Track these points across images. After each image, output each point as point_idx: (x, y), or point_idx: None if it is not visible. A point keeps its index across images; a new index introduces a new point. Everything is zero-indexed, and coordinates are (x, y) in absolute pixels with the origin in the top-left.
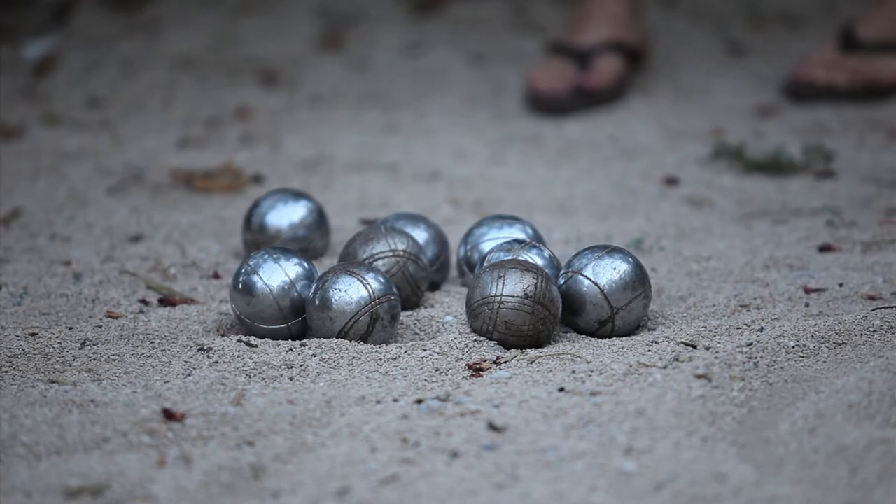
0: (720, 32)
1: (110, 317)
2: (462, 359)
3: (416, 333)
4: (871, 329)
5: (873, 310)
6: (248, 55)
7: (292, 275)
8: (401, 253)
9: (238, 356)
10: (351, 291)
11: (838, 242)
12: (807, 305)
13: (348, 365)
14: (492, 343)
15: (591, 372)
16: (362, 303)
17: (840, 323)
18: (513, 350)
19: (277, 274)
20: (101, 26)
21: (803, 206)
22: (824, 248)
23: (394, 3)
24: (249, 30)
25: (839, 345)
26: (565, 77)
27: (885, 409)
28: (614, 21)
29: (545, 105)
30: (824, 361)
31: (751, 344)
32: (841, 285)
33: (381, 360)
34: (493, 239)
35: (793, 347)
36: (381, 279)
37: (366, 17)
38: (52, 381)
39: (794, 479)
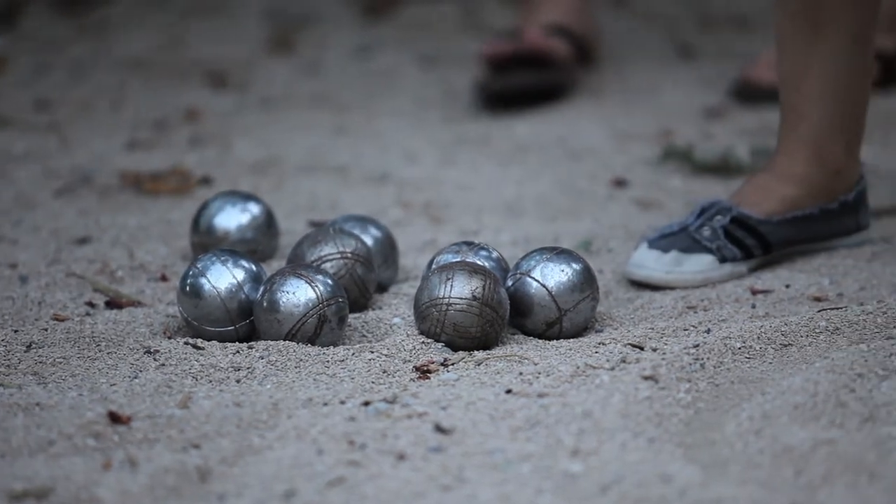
0: (670, 34)
1: (56, 319)
2: (409, 361)
3: (364, 335)
4: (817, 330)
5: (819, 311)
6: (197, 57)
7: (240, 277)
8: (349, 255)
9: (185, 358)
10: (299, 294)
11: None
12: (753, 307)
13: (295, 367)
14: (439, 345)
15: (539, 374)
16: (310, 305)
17: (786, 324)
18: (460, 352)
19: (225, 276)
20: (50, 29)
21: None
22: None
23: (344, 6)
24: (199, 32)
25: (785, 346)
26: (507, 42)
27: (830, 410)
28: (562, 9)
29: (493, 64)
30: (770, 363)
31: (697, 345)
32: (787, 287)
33: (328, 362)
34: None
35: (739, 349)
36: (329, 281)
37: (316, 19)
38: None
39: (739, 479)
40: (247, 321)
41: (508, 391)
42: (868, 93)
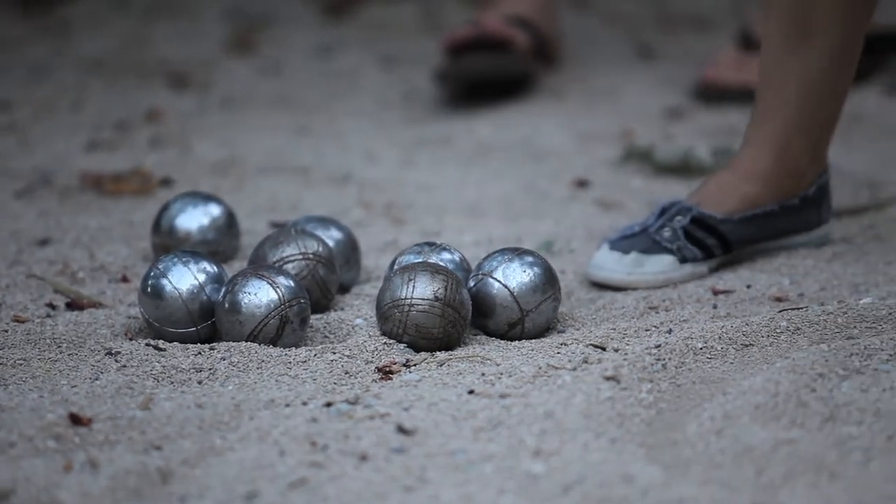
0: (631, 35)
1: (17, 321)
2: (372, 362)
3: (326, 336)
4: (778, 330)
5: (780, 311)
6: (158, 58)
7: (201, 278)
8: (311, 256)
9: (146, 360)
10: (261, 295)
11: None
12: (715, 307)
13: (257, 368)
14: (402, 346)
15: (501, 374)
16: (272, 306)
17: (747, 324)
18: (423, 353)
19: (186, 277)
20: (10, 29)
21: None
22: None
23: (305, 6)
24: (160, 32)
25: (746, 346)
26: (464, 27)
27: (791, 410)
28: (524, 4)
29: (453, 50)
30: (731, 363)
31: (659, 346)
32: (748, 287)
33: (290, 363)
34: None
35: (700, 349)
36: (291, 282)
37: (277, 19)
38: None
39: (701, 479)
40: (208, 322)
41: (471, 392)
42: (843, 99)
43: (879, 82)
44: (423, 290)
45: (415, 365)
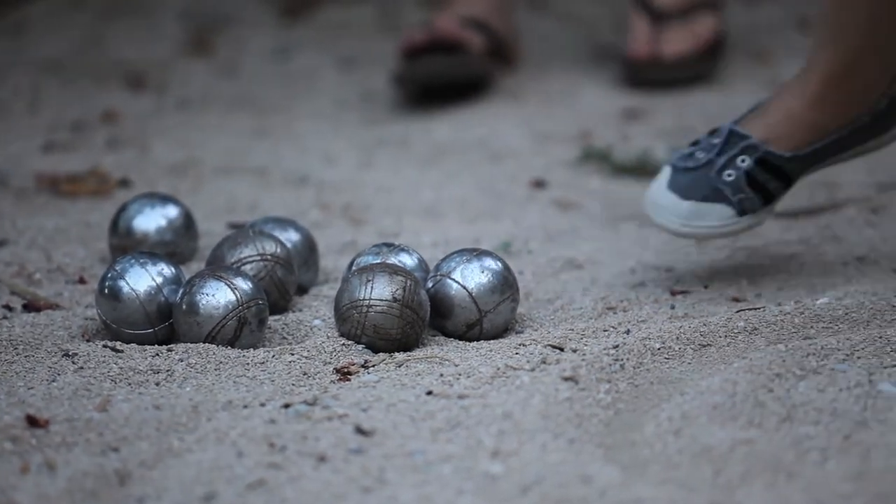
0: (587, 35)
1: None
2: (330, 363)
3: (285, 338)
4: (735, 330)
5: (737, 311)
6: (115, 59)
7: (159, 279)
8: (269, 257)
9: (104, 361)
10: (218, 296)
11: (704, 244)
12: (672, 307)
13: (215, 370)
14: (360, 347)
15: (459, 375)
16: (230, 307)
17: (705, 325)
18: (381, 353)
19: (144, 279)
20: None
21: None
22: None
23: (262, 8)
24: (117, 33)
25: (704, 346)
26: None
27: (749, 410)
28: (479, 5)
29: (409, 54)
30: (689, 363)
31: (617, 346)
32: (706, 287)
33: (248, 364)
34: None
35: (658, 349)
36: (249, 283)
37: (235, 21)
38: None
39: (659, 480)
40: (166, 324)
41: (429, 392)
42: None
43: None
44: (381, 291)
45: (373, 366)
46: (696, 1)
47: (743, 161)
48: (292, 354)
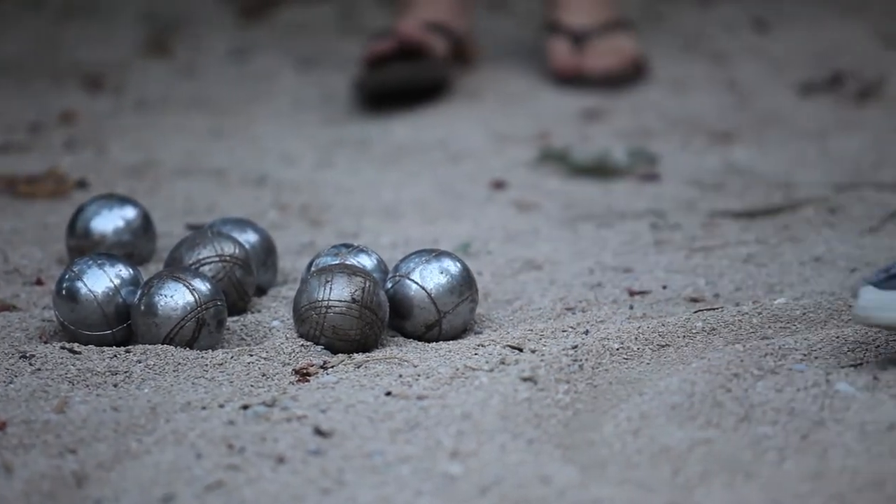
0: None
1: None
2: (289, 364)
3: (243, 339)
4: (694, 331)
5: (696, 312)
6: (73, 59)
7: (117, 281)
8: (227, 258)
9: (61, 363)
10: (177, 297)
11: (662, 245)
12: (631, 308)
13: (174, 371)
14: (319, 348)
15: (418, 376)
16: (188, 308)
17: (663, 325)
18: (340, 354)
19: (102, 280)
20: None
21: (628, 209)
22: None
23: (221, 9)
24: (74, 34)
25: (662, 346)
26: (386, 41)
27: (707, 410)
28: (439, 8)
29: (371, 63)
30: (648, 363)
31: (576, 346)
32: (664, 287)
33: (206, 365)
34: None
35: (617, 349)
36: (208, 284)
37: (192, 22)
38: None
39: (617, 480)
40: (124, 325)
41: (388, 393)
42: None
43: (794, 84)
44: (340, 291)
45: (332, 367)
46: (612, 22)
47: None
48: (251, 355)
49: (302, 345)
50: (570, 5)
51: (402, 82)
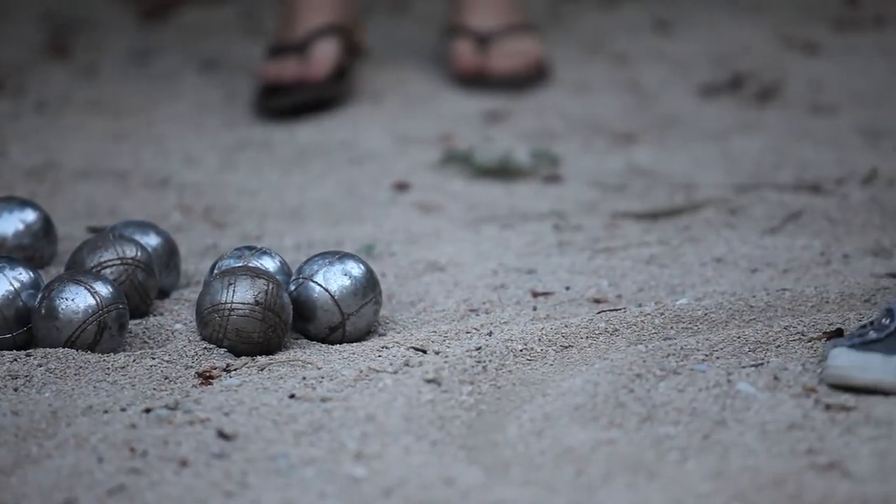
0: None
1: None
2: (192, 367)
3: (146, 342)
4: (597, 332)
5: (598, 312)
6: None
7: (17, 284)
8: (129, 261)
9: None
10: (78, 300)
11: (565, 246)
12: (534, 309)
13: (75, 375)
14: (222, 350)
15: (322, 378)
16: (90, 311)
17: (566, 326)
18: (243, 357)
19: (2, 283)
20: None
21: (531, 211)
22: None
23: (122, 10)
24: None
25: (565, 347)
26: (288, 69)
27: (610, 411)
28: (330, 8)
29: (276, 104)
30: (551, 364)
31: (480, 348)
32: (567, 289)
33: (108, 369)
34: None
35: (521, 351)
36: (109, 287)
37: (93, 23)
38: None
39: (521, 481)
40: (24, 329)
41: (292, 396)
42: None
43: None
44: (243, 294)
45: (235, 370)
46: (516, 24)
47: None
48: (153, 359)
49: (205, 347)
50: (475, 7)
51: (299, 106)
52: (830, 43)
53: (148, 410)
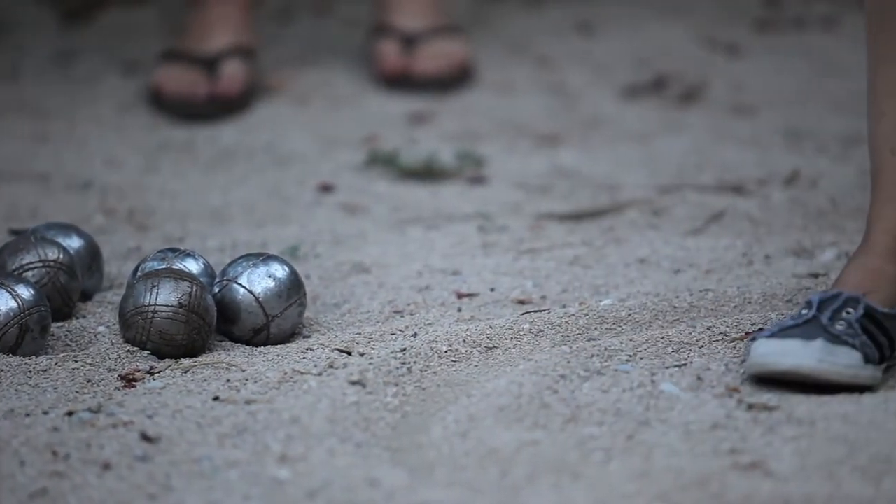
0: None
1: None
2: (115, 370)
3: (68, 345)
4: (521, 333)
5: (523, 314)
6: None
7: None
8: (52, 263)
9: None
10: None
11: (489, 247)
12: (459, 310)
13: None
14: (145, 353)
15: (246, 380)
16: (11, 314)
17: (491, 327)
18: (167, 360)
19: None
20: None
21: (456, 212)
22: None
23: (42, 11)
24: None
25: (490, 349)
26: (198, 84)
27: (534, 412)
28: (234, 27)
29: (179, 110)
30: (476, 365)
31: (404, 349)
32: (492, 290)
33: (30, 372)
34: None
35: (445, 352)
36: (31, 290)
37: (14, 24)
38: None
39: (445, 482)
40: None
41: (216, 398)
42: None
43: (617, 85)
44: (166, 296)
45: (159, 372)
46: (442, 26)
47: (849, 312)
48: (76, 361)
49: (128, 350)
50: (402, 8)
51: (209, 118)
52: (752, 44)
53: (70, 413)
